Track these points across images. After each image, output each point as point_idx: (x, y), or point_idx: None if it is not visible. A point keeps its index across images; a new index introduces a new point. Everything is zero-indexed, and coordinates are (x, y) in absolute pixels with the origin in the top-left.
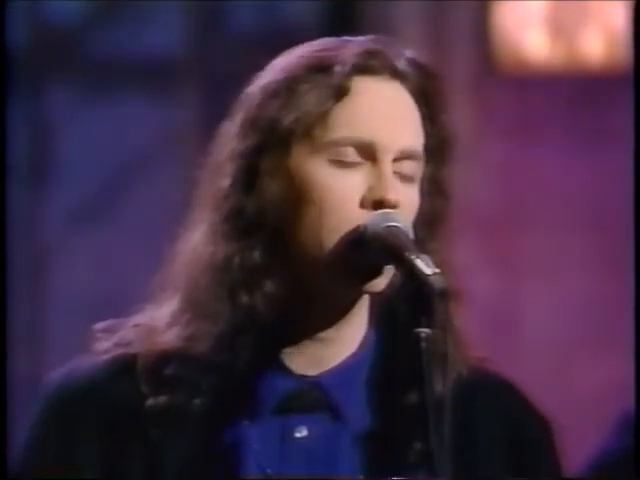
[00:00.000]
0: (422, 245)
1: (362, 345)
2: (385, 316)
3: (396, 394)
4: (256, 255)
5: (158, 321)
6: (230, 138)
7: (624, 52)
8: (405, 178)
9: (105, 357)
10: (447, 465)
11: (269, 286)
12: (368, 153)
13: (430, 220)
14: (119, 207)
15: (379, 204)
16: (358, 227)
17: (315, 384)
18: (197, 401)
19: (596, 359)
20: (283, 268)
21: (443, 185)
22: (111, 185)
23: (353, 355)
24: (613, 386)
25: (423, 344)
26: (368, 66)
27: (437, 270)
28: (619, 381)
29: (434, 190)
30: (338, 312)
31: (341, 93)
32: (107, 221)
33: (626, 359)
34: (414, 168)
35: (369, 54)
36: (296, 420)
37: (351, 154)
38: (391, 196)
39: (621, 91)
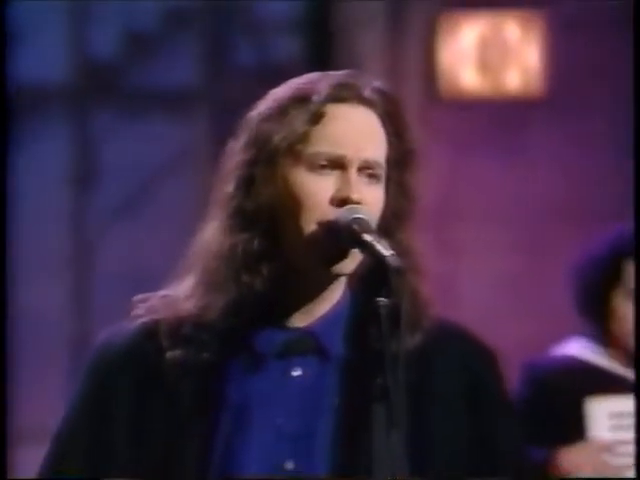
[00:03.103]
0: (391, 235)
1: (341, 300)
2: (357, 282)
3: (366, 339)
4: (255, 244)
5: (179, 294)
6: (234, 153)
7: (536, 83)
8: (369, 181)
9: (138, 321)
10: (402, 399)
11: (265, 268)
12: (338, 163)
13: (397, 215)
14: (149, 205)
15: (345, 201)
16: (330, 220)
17: (306, 333)
18: (205, 354)
19: (518, 323)
20: (275, 254)
21: (407, 188)
22: (142, 188)
23: (334, 308)
24: (530, 343)
25: (381, 310)
26: (340, 95)
27: (393, 251)
28: (535, 339)
29: (399, 192)
30: (321, 284)
31: (318, 117)
32: (139, 216)
33: (540, 323)
34: (376, 173)
35: (341, 86)
36: (293, 362)
37: (325, 164)
38: (354, 195)
39: (534, 112)
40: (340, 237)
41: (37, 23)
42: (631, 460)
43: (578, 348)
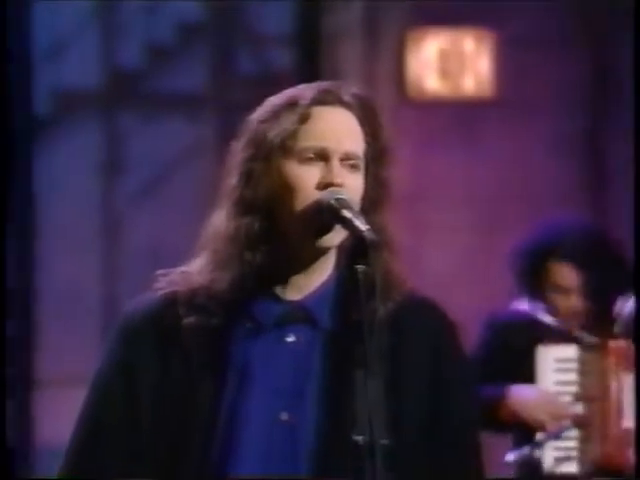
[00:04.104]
0: (370, 218)
1: (329, 278)
2: (342, 257)
3: (348, 311)
4: (255, 227)
5: (194, 269)
6: (237, 152)
7: (488, 88)
8: (350, 170)
9: (160, 292)
10: (377, 361)
11: (264, 247)
12: (323, 155)
13: (374, 202)
14: (166, 191)
15: (328, 186)
16: (315, 200)
17: (299, 306)
18: (215, 321)
19: (474, 292)
20: (273, 235)
21: (382, 179)
22: (160, 177)
23: (324, 283)
24: (486, 309)
25: (359, 277)
26: (323, 99)
27: (369, 227)
28: (490, 306)
29: (376, 183)
30: (312, 259)
31: (305, 118)
32: (158, 200)
33: (494, 292)
34: (356, 164)
35: (324, 91)
36: (287, 330)
37: (311, 156)
38: (336, 180)
39: (486, 112)
40: (323, 214)
41: (73, 38)
42: (571, 398)
43: (530, 306)
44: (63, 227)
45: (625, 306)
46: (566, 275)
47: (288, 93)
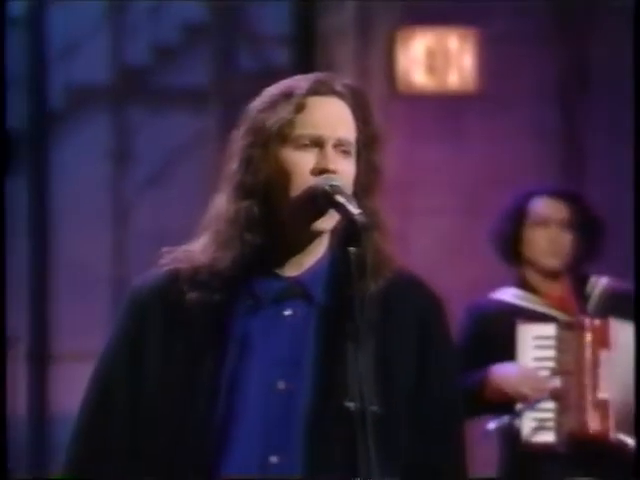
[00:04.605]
0: (361, 201)
1: (324, 256)
2: (336, 242)
3: (341, 287)
4: (255, 210)
5: (197, 248)
6: (238, 139)
7: (471, 83)
8: (343, 156)
9: (164, 269)
10: (367, 334)
11: (263, 228)
12: (317, 142)
13: (366, 186)
14: (172, 178)
15: (323, 171)
16: (310, 186)
17: (296, 282)
18: (216, 296)
19: (457, 271)
20: (271, 217)
21: (373, 164)
22: (167, 165)
23: (318, 261)
24: (468, 288)
25: (352, 258)
26: (317, 90)
27: (361, 211)
28: (472, 284)
29: (368, 168)
30: (307, 240)
31: (300, 107)
32: (164, 186)
33: (475, 272)
34: (348, 149)
35: (318, 82)
36: (285, 305)
37: (307, 143)
38: (331, 166)
39: (470, 105)
40: (318, 199)
41: (85, 38)
42: (549, 373)
43: (508, 294)
44: (76, 212)
45: (596, 286)
46: (546, 205)
47: (284, 84)
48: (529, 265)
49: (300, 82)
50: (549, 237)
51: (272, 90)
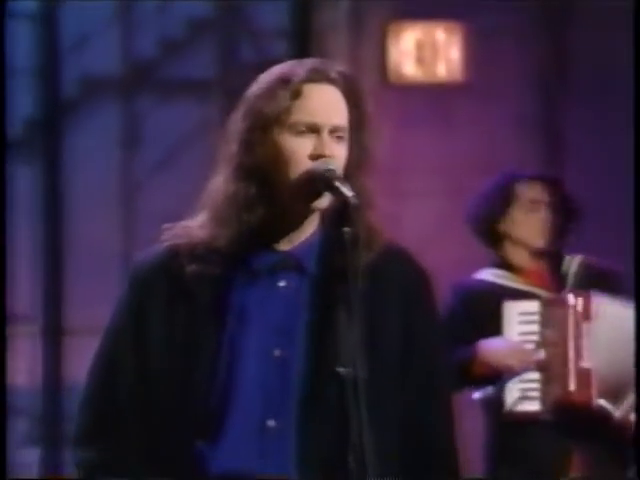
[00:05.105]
0: (352, 180)
1: (316, 231)
2: (327, 218)
3: (332, 259)
4: (252, 191)
5: (196, 225)
6: (236, 121)
7: (458, 74)
8: (337, 141)
9: (165, 244)
10: (358, 303)
11: (260, 208)
12: (313, 128)
13: (357, 166)
14: (177, 162)
15: (320, 157)
16: (308, 170)
17: (289, 255)
18: (214, 270)
19: (447, 250)
20: (268, 198)
21: (364, 145)
22: (173, 150)
23: (311, 236)
24: (456, 265)
25: (346, 236)
26: (313, 77)
27: (353, 193)
28: (460, 262)
29: (358, 148)
30: (301, 218)
31: (297, 94)
32: (170, 170)
33: (463, 251)
34: (342, 135)
35: (314, 70)
36: (279, 277)
37: (303, 129)
38: (327, 152)
39: (456, 94)
40: (315, 182)
41: (97, 33)
42: (533, 346)
43: (489, 274)
44: (88, 194)
45: (572, 263)
46: (534, 188)
47: (280, 69)
48: (516, 245)
49: (296, 69)
50: (539, 218)
51: (267, 77)
